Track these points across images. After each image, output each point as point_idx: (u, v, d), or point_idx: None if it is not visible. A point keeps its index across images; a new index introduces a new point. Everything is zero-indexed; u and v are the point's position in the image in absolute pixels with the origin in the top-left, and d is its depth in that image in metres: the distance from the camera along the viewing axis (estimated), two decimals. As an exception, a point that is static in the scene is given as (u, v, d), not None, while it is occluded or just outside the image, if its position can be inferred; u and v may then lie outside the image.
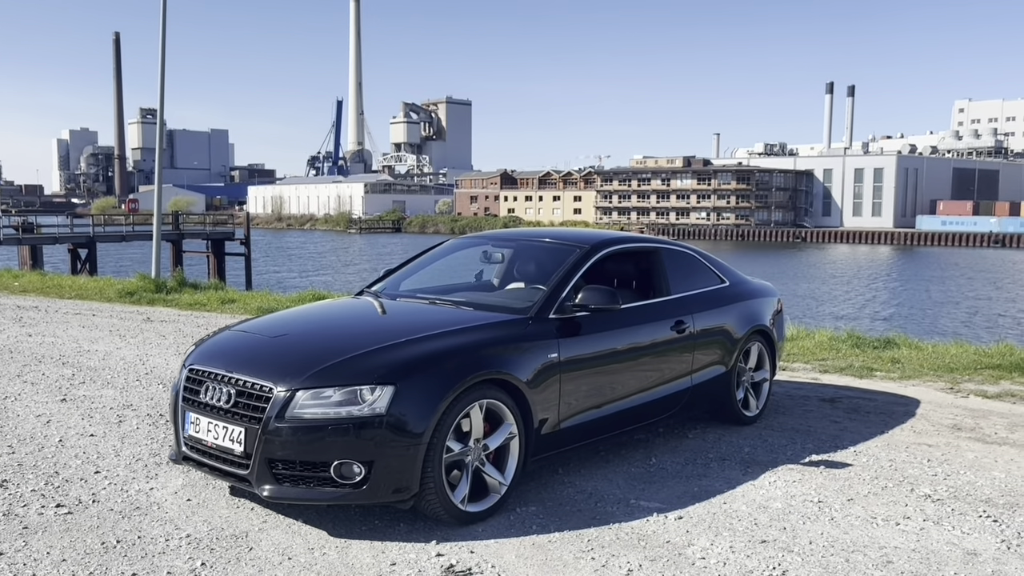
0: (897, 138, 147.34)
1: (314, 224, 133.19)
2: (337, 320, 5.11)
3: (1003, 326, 30.64)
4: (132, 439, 5.68)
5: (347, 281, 47.35)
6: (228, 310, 13.33)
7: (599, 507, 4.55)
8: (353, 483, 3.98)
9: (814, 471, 5.21)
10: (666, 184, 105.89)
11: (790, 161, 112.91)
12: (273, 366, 4.21)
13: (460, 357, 4.28)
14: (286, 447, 3.99)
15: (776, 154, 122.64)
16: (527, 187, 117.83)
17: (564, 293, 4.98)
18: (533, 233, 6.07)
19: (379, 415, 3.96)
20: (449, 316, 4.87)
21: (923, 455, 5.62)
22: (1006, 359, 8.76)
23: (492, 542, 4.07)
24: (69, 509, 4.38)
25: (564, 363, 4.71)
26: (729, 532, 4.22)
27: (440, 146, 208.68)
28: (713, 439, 5.92)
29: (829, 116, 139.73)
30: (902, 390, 7.72)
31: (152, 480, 4.87)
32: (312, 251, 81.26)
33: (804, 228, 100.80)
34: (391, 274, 5.97)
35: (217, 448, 4.21)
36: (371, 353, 4.22)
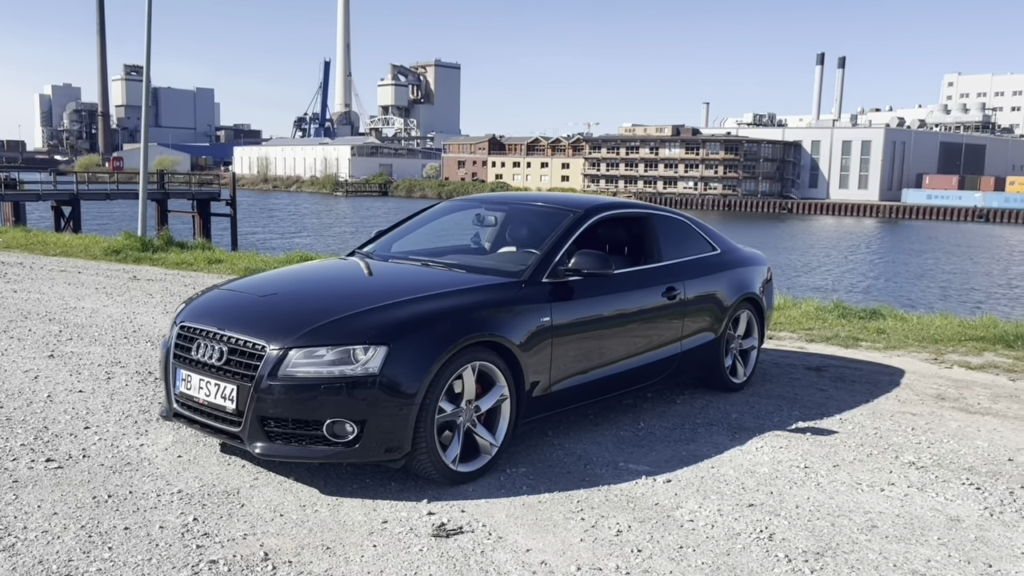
0: (886, 111, 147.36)
1: (300, 186, 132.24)
2: (329, 280, 5.09)
3: (974, 300, 30.90)
4: (121, 396, 5.66)
5: (331, 243, 47.29)
6: (215, 270, 13.26)
7: (588, 469, 4.59)
8: (345, 441, 3.99)
9: (800, 438, 5.27)
10: (654, 153, 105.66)
11: (778, 132, 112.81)
12: (266, 324, 4.20)
13: (454, 319, 4.29)
14: (278, 405, 3.99)
15: (765, 124, 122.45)
16: (515, 153, 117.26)
17: (557, 257, 4.98)
18: (525, 197, 6.05)
19: (372, 375, 3.96)
20: (442, 278, 4.86)
21: (907, 424, 5.69)
22: (990, 331, 8.85)
23: (483, 502, 4.10)
24: (59, 464, 4.38)
25: (556, 327, 4.72)
26: (717, 495, 4.27)
27: (428, 110, 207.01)
28: (701, 405, 5.97)
29: (819, 87, 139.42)
30: (887, 360, 7.79)
31: (142, 436, 4.86)
32: (298, 213, 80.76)
33: (790, 199, 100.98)
34: (382, 235, 5.95)
35: (208, 405, 4.20)
36: (364, 313, 4.21)
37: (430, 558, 3.50)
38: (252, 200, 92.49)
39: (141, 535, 3.60)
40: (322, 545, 3.58)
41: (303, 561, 3.43)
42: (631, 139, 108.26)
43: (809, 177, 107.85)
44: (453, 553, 3.55)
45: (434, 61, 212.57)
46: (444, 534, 3.72)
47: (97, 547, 3.47)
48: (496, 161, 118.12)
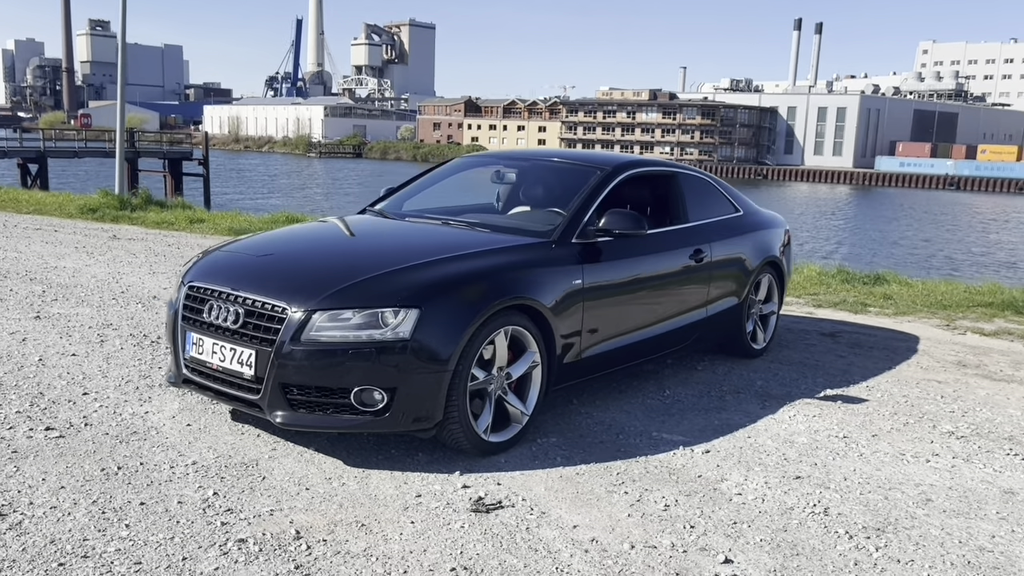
0: (861, 78, 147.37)
1: (272, 147, 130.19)
2: (348, 239, 4.78)
3: (943, 267, 31.09)
4: (117, 360, 5.35)
5: (304, 205, 46.76)
6: (197, 230, 12.85)
7: (621, 439, 4.38)
8: (374, 411, 3.74)
9: (832, 406, 5.10)
10: (631, 117, 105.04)
11: (755, 98, 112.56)
12: (286, 285, 3.90)
13: (487, 281, 4.02)
14: (302, 371, 3.71)
15: (742, 90, 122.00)
16: (491, 115, 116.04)
17: (587, 217, 4.71)
18: (544, 153, 5.76)
19: (403, 340, 3.69)
20: (468, 238, 4.58)
21: (935, 391, 5.54)
22: (997, 297, 8.75)
23: (518, 474, 3.87)
24: (60, 432, 4.08)
25: (588, 289, 4.47)
26: (760, 467, 4.08)
27: (402, 70, 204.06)
28: (723, 372, 5.78)
29: (796, 53, 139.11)
30: (899, 326, 7.65)
31: (146, 403, 4.57)
32: (270, 174, 79.49)
33: (766, 166, 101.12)
34: (393, 193, 5.65)
35: (224, 371, 3.92)
36: (392, 274, 3.93)
37: (473, 535, 3.27)
38: (223, 160, 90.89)
39: (159, 511, 3.33)
40: (356, 522, 3.33)
41: (338, 539, 3.18)
42: (608, 103, 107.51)
43: (785, 143, 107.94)
44: (497, 530, 3.32)
45: (408, 21, 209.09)
46: (484, 509, 3.49)
47: (112, 524, 3.20)
48: (472, 123, 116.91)
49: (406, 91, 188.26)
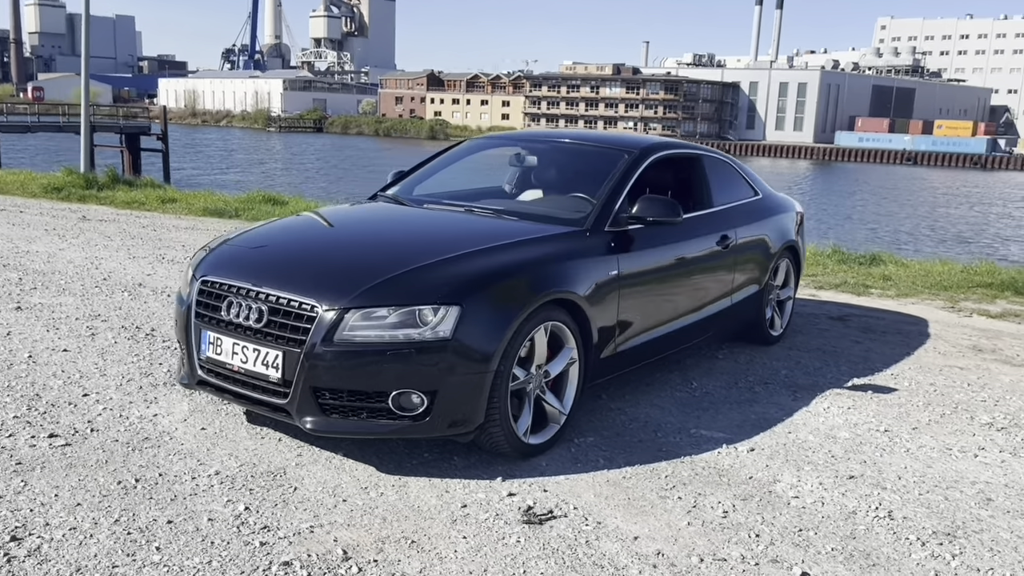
0: (820, 53, 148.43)
1: (230, 121, 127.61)
2: (371, 230, 4.48)
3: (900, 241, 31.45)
4: (113, 355, 5.02)
5: (264, 181, 46.04)
6: (170, 210, 12.40)
7: (660, 437, 4.19)
8: (413, 415, 3.49)
9: (863, 396, 4.96)
10: (595, 92, 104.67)
11: (717, 73, 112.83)
12: (314, 281, 3.62)
13: (528, 274, 3.78)
14: (334, 374, 3.45)
15: (704, 65, 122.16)
16: (454, 89, 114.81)
17: (619, 203, 4.49)
18: (563, 135, 5.50)
19: (444, 339, 3.44)
20: (500, 228, 4.32)
21: (960, 379, 5.43)
22: (996, 278, 8.72)
23: (562, 478, 3.66)
24: (66, 440, 3.78)
25: (622, 280, 4.26)
26: (810, 466, 3.92)
27: (362, 43, 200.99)
28: (745, 361, 5.61)
29: (757, 28, 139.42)
30: (905, 308, 7.57)
31: (153, 405, 4.27)
32: (229, 149, 77.90)
33: (728, 141, 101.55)
34: (403, 177, 5.36)
35: (246, 373, 3.64)
36: (427, 268, 3.67)
37: (532, 551, 3.05)
38: (180, 135, 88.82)
39: (189, 530, 3.06)
40: (404, 538, 3.10)
41: (390, 559, 2.95)
42: (572, 77, 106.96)
43: (747, 118, 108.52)
44: (555, 544, 3.11)
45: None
46: (536, 520, 3.28)
47: (141, 547, 2.93)
48: (435, 97, 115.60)
49: (366, 64, 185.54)
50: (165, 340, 5.38)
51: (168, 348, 5.21)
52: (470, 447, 3.84)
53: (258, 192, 13.72)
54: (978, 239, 33.72)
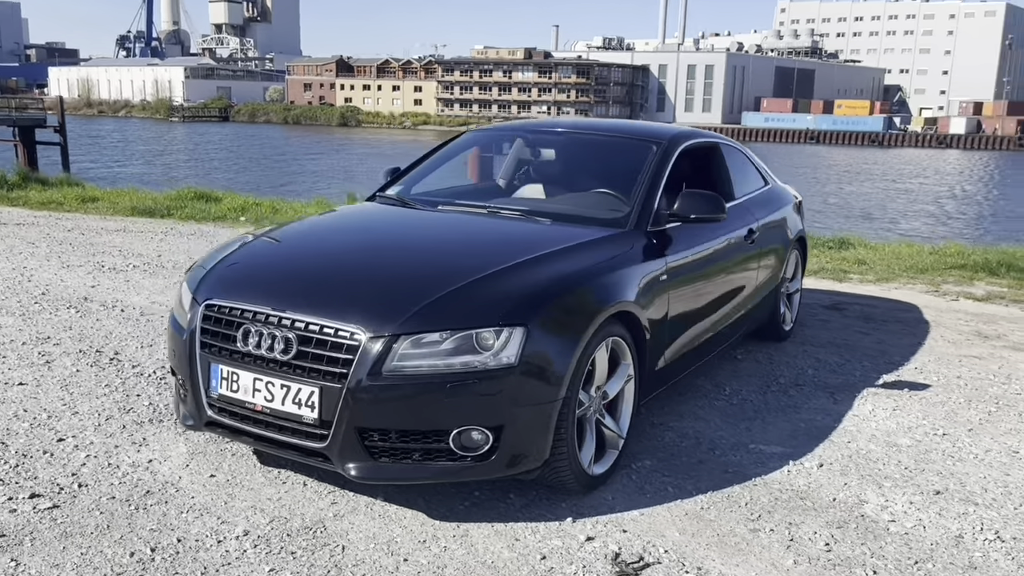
0: (725, 36, 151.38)
1: (130, 111, 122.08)
2: (398, 238, 3.94)
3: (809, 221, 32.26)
4: (79, 387, 4.38)
5: (172, 172, 44.25)
6: (93, 210, 11.46)
7: (720, 456, 3.83)
8: (476, 455, 3.03)
9: (902, 395, 4.72)
10: (508, 76, 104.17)
11: (627, 56, 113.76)
12: (352, 302, 3.11)
13: (589, 285, 3.35)
14: (385, 412, 2.96)
15: (614, 48, 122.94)
16: (365, 75, 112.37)
17: (657, 200, 4.09)
18: (575, 124, 5.07)
19: (509, 366, 2.99)
20: (539, 233, 3.86)
21: (982, 370, 5.26)
22: (967, 259, 8.72)
23: (636, 514, 3.27)
24: (52, 501, 3.18)
25: (670, 284, 3.87)
26: (889, 482, 3.62)
27: (266, 29, 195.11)
28: (765, 360, 5.32)
29: (664, 11, 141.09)
30: (891, 294, 7.44)
31: (143, 448, 3.68)
32: (127, 140, 74.46)
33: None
34: (401, 176, 4.83)
35: (272, 413, 3.10)
36: (479, 284, 3.20)
37: (641, 611, 2.65)
38: (76, 126, 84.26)
39: (235, 614, 2.54)
40: (492, 605, 2.65)
41: (486, 636, 2.50)
42: (484, 62, 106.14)
43: (657, 101, 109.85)
44: (663, 599, 2.71)
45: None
46: (630, 571, 2.87)
47: (184, 644, 2.40)
48: (345, 84, 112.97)
49: (271, 50, 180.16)
50: (135, 365, 4.75)
51: (141, 375, 4.59)
52: (522, 480, 3.40)
53: (188, 188, 12.83)
54: (882, 216, 34.76)
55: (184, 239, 9.21)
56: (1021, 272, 8.25)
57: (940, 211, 38.25)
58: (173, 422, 3.95)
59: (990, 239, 23.46)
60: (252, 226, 10.41)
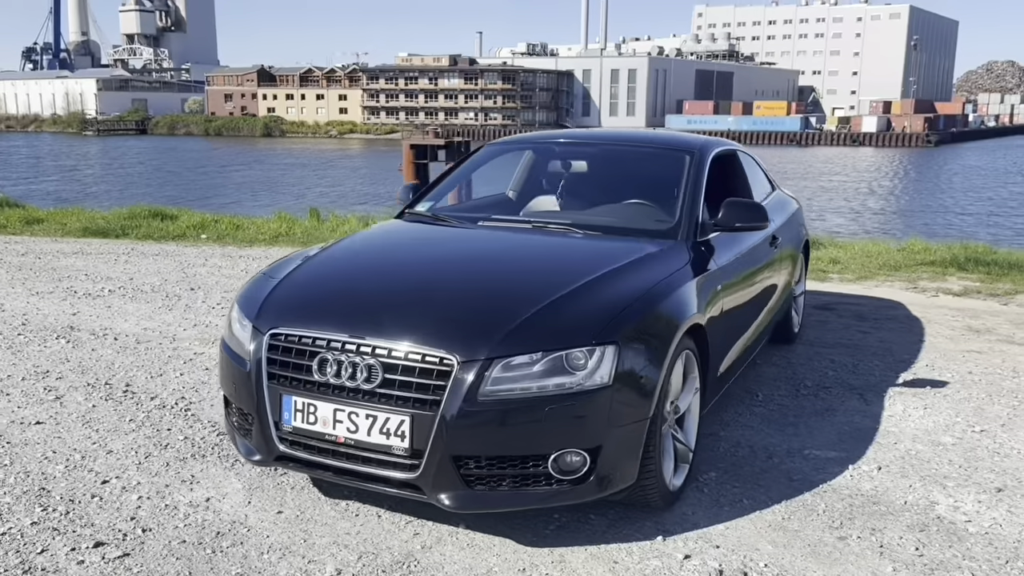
0: (645, 40, 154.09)
1: (39, 126, 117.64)
2: (462, 256, 3.81)
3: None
4: (103, 424, 4.15)
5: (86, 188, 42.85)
6: (40, 232, 10.99)
7: (779, 464, 3.84)
8: (573, 478, 2.96)
9: (927, 393, 4.82)
10: (434, 83, 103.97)
11: (552, 62, 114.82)
12: (438, 326, 3.01)
13: (665, 299, 3.32)
14: (482, 438, 2.87)
15: (539, 54, 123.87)
16: (288, 85, 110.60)
17: (700, 210, 4.09)
18: (600, 137, 5.05)
19: (604, 386, 2.93)
20: (598, 248, 3.80)
21: (990, 365, 5.42)
22: (936, 256, 9.01)
23: (722, 528, 3.24)
24: (120, 549, 2.98)
25: (720, 294, 3.87)
26: (951, 482, 3.68)
27: (180, 38, 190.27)
28: (782, 363, 5.38)
29: (586, 17, 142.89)
30: (873, 292, 7.63)
31: (196, 486, 3.50)
32: (37, 155, 71.66)
33: (566, 128, 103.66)
34: (426, 193, 4.71)
35: (357, 445, 2.98)
36: (562, 303, 3.13)
37: (766, 628, 2.62)
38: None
39: (360, 661, 2.42)
40: (618, 632, 2.59)
41: (626, 666, 2.43)
42: (409, 69, 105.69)
43: (582, 105, 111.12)
44: (784, 615, 2.69)
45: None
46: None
47: None
48: (267, 93, 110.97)
49: (186, 61, 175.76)
50: (153, 397, 4.53)
51: (164, 408, 4.38)
52: (599, 500, 3.35)
53: (141, 206, 12.36)
54: (807, 213, 35.84)
55: (150, 260, 8.87)
56: (988, 266, 8.55)
57: (862, 207, 39.64)
58: (217, 456, 3.77)
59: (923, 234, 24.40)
60: (216, 244, 10.11)
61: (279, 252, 9.46)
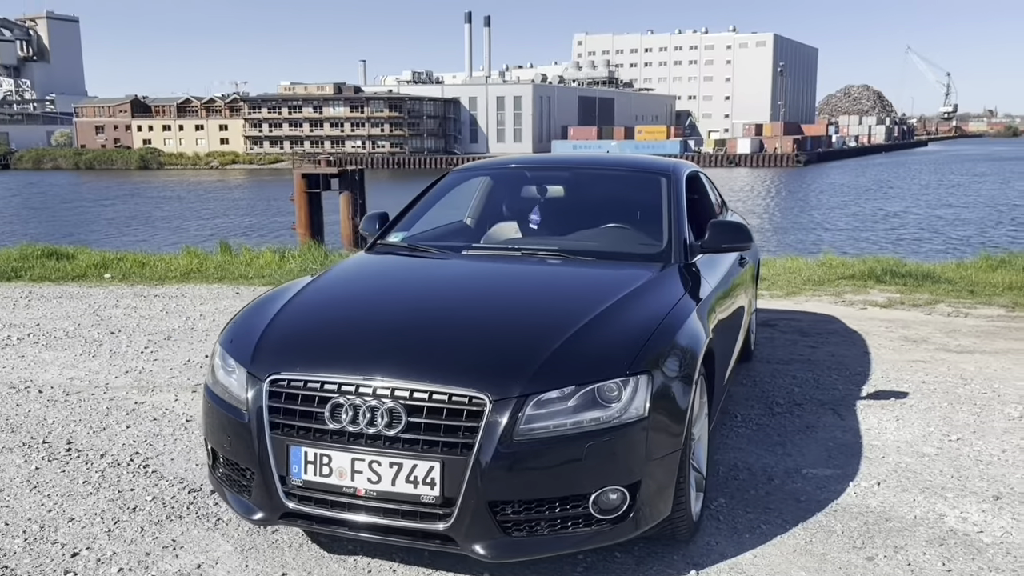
0: (528, 68, 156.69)
1: None
2: (463, 288, 3.59)
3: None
4: (53, 487, 3.73)
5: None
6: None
7: (781, 485, 3.81)
8: (612, 517, 2.82)
9: (894, 405, 4.91)
10: (318, 112, 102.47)
11: (438, 89, 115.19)
12: (461, 362, 2.81)
13: (683, 326, 3.22)
14: (520, 481, 2.69)
15: (424, 82, 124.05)
16: (164, 115, 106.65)
17: (686, 231, 4.05)
18: (567, 160, 4.95)
19: (641, 418, 2.81)
20: (597, 274, 3.68)
21: (939, 373, 5.59)
22: (853, 270, 9.34)
23: (750, 556, 3.16)
24: (113, 633, 2.64)
25: (713, 315, 3.82)
26: (950, 493, 3.72)
27: (44, 68, 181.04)
28: (747, 381, 5.40)
29: (469, 45, 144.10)
30: (805, 307, 7.82)
31: (180, 551, 3.16)
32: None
33: (455, 155, 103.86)
34: (394, 224, 4.47)
35: (380, 496, 2.74)
36: (585, 333, 2.98)
37: (832, 661, 2.53)
38: None
39: None
40: None
41: None
42: (293, 98, 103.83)
43: (470, 132, 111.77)
44: (844, 645, 2.61)
45: (45, 13, 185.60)
46: (790, 618, 2.76)
47: None
48: (143, 124, 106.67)
49: (51, 91, 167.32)
50: (103, 455, 4.13)
51: (119, 466, 3.99)
52: (626, 537, 3.21)
53: (33, 245, 11.51)
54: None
55: (54, 303, 8.23)
56: (904, 278, 8.93)
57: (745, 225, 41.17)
58: (196, 516, 3.44)
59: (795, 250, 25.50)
60: (123, 284, 9.50)
61: (195, 290, 8.97)
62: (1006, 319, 7.27)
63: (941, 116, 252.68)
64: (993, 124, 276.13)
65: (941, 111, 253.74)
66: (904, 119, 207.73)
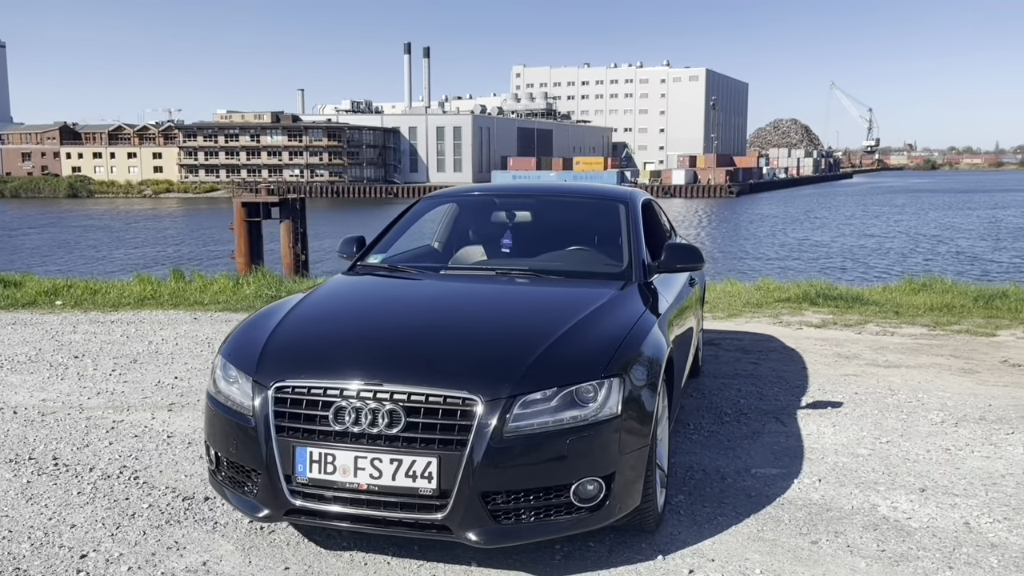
0: (467, 99, 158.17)
1: None
2: (450, 302, 3.92)
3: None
4: (48, 498, 3.89)
5: None
6: None
7: (733, 483, 4.18)
8: (591, 505, 3.14)
9: (830, 413, 5.35)
10: (256, 140, 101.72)
11: (377, 119, 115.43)
12: (455, 367, 3.12)
13: (650, 335, 3.58)
14: (509, 473, 3.00)
15: (363, 111, 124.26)
16: (95, 143, 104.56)
17: (644, 253, 4.43)
18: (539, 189, 5.31)
19: (615, 416, 3.15)
20: (569, 292, 4.04)
21: (869, 385, 6.07)
22: (788, 293, 9.89)
23: (710, 544, 3.51)
24: (134, 621, 2.85)
25: (673, 329, 4.20)
26: (882, 486, 4.14)
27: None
28: (696, 394, 5.80)
29: (408, 76, 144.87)
30: (745, 327, 8.29)
31: (185, 551, 3.37)
32: None
33: (395, 184, 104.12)
34: (371, 248, 4.76)
35: (381, 490, 3.02)
36: (565, 341, 3.32)
37: (786, 626, 2.89)
38: None
39: None
40: (662, 644, 2.77)
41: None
42: (229, 126, 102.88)
43: (410, 162, 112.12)
44: (795, 613, 2.97)
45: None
46: (748, 592, 3.10)
47: None
48: (72, 152, 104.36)
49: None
50: (91, 468, 4.29)
51: (109, 478, 4.16)
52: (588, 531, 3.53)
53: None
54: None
55: (8, 330, 8.24)
56: (835, 300, 9.52)
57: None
58: (193, 520, 3.65)
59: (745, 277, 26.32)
60: (76, 311, 9.51)
61: (151, 315, 9.05)
62: (928, 337, 7.85)
63: (865, 149, 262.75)
64: (913, 157, 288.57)
65: (864, 144, 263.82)
66: (830, 152, 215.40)
